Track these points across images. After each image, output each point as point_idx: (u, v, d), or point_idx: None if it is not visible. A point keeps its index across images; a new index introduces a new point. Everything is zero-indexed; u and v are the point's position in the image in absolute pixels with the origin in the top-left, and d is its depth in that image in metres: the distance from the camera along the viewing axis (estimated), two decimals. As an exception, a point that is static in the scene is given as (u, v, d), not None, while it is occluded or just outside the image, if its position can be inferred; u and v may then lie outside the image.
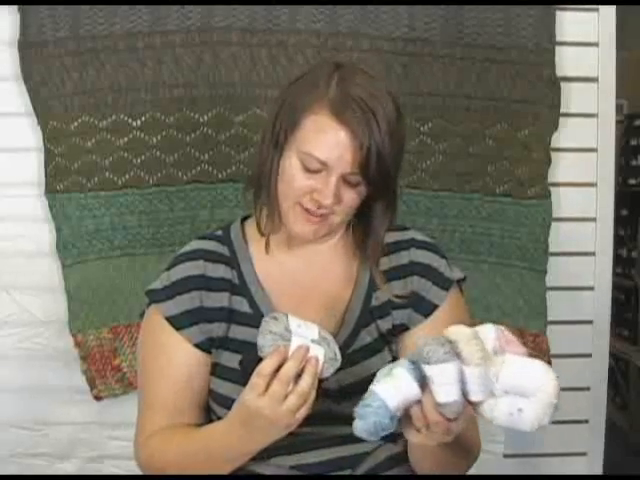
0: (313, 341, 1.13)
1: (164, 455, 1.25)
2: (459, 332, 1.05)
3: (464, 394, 1.04)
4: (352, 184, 1.21)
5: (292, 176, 1.21)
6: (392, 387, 1.06)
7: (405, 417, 1.08)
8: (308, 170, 1.20)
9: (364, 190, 1.22)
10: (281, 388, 1.09)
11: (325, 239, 1.30)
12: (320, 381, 1.13)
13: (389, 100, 1.20)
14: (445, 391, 1.04)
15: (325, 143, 1.18)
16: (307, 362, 1.11)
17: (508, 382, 1.04)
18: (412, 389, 1.06)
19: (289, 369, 1.10)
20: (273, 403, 1.09)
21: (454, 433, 1.08)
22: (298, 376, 1.10)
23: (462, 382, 1.04)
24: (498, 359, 1.05)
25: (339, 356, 1.15)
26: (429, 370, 1.04)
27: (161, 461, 1.26)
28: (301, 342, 1.12)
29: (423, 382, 1.05)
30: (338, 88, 1.19)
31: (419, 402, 1.06)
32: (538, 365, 1.05)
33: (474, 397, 1.04)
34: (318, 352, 1.13)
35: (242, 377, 1.16)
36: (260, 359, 1.12)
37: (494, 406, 1.05)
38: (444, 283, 1.31)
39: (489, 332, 1.08)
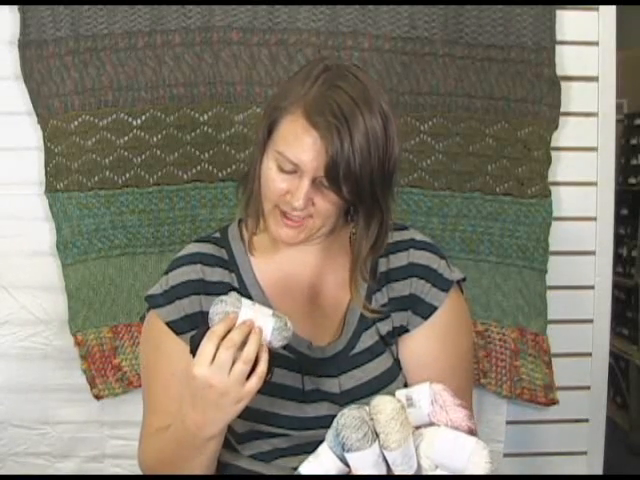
0: (265, 315, 1.13)
1: (155, 454, 1.25)
2: (382, 408, 1.03)
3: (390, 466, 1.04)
4: (327, 189, 1.18)
5: (268, 177, 1.20)
6: (318, 468, 1.06)
7: None
8: (283, 171, 1.18)
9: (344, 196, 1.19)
10: (226, 354, 1.09)
11: (313, 242, 1.28)
12: (272, 353, 1.13)
13: (375, 111, 1.16)
14: (364, 473, 1.04)
15: (296, 145, 1.16)
16: (251, 331, 1.11)
17: (436, 459, 1.04)
18: (338, 467, 1.06)
19: (234, 336, 1.09)
20: (220, 371, 1.09)
21: None
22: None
23: (384, 460, 1.03)
24: (428, 433, 1.05)
25: (290, 325, 1.14)
26: (346, 455, 1.04)
27: (153, 461, 1.26)
28: (250, 312, 1.12)
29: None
30: (318, 91, 1.16)
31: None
32: (469, 444, 1.04)
33: (398, 473, 1.04)
34: (267, 321, 1.12)
35: (191, 352, 1.14)
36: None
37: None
38: (443, 284, 1.30)
39: (424, 396, 1.07)
